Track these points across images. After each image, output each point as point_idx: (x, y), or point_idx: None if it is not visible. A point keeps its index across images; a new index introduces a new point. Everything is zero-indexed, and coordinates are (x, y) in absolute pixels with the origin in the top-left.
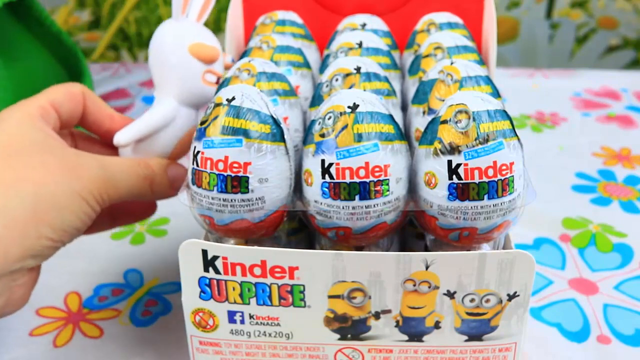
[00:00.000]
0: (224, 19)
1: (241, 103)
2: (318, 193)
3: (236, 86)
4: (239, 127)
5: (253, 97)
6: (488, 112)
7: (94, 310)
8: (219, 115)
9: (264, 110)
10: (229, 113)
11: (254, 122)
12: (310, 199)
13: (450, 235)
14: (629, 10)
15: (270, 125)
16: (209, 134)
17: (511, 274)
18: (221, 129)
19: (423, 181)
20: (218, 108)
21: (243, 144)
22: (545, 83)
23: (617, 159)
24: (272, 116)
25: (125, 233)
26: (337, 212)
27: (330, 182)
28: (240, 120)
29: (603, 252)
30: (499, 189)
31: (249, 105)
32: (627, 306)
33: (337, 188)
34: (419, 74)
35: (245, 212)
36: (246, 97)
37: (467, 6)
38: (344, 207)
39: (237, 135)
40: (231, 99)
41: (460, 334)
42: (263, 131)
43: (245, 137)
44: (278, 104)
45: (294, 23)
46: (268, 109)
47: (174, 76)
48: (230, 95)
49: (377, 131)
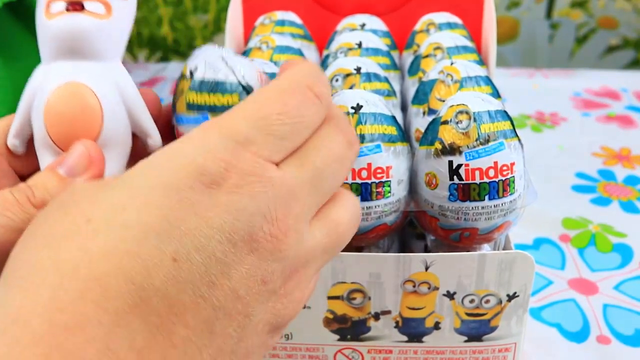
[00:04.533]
0: (224, 19)
1: (204, 75)
2: None
3: (200, 52)
4: (203, 103)
5: (217, 66)
6: (489, 113)
7: None
8: (184, 89)
9: (229, 78)
10: (192, 87)
11: (218, 95)
12: None
13: (451, 235)
14: (629, 10)
15: (239, 95)
16: (178, 110)
17: (511, 274)
18: (187, 106)
19: (424, 182)
20: (183, 81)
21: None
22: (545, 83)
23: (617, 159)
24: (241, 83)
25: None
26: None
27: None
28: (204, 95)
29: (603, 252)
30: (499, 190)
31: (211, 75)
32: (627, 306)
33: None
34: (418, 75)
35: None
36: (209, 66)
37: (467, 6)
38: None
39: (203, 111)
40: (194, 69)
41: (460, 335)
42: (231, 103)
43: (211, 113)
44: None
45: (293, 23)
46: (235, 75)
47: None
48: (193, 66)
49: (380, 132)
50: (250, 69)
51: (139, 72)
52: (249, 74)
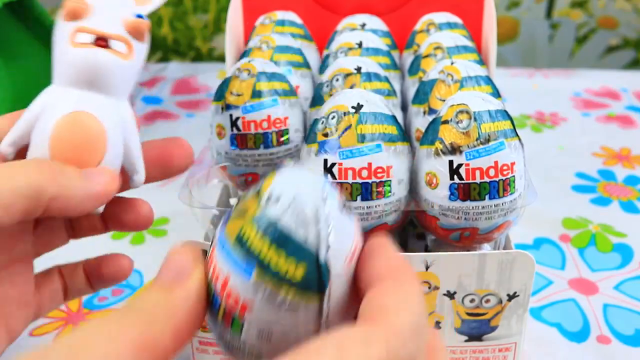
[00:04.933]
0: (224, 19)
1: (281, 216)
2: None
3: (297, 177)
4: (257, 252)
5: (305, 217)
6: (489, 112)
7: (94, 310)
8: (247, 212)
9: (309, 243)
10: (257, 221)
11: (281, 256)
12: None
13: (451, 235)
14: (629, 10)
15: (306, 268)
16: (227, 233)
17: (511, 274)
18: (237, 238)
19: (424, 181)
20: (253, 200)
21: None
22: (545, 83)
23: (617, 159)
24: (319, 260)
25: (125, 233)
26: None
27: (332, 183)
28: (264, 243)
29: (603, 252)
30: (500, 189)
31: (289, 224)
32: (627, 306)
33: (339, 188)
34: (419, 74)
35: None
36: (296, 210)
37: (467, 6)
38: None
39: (250, 262)
40: (275, 198)
41: (460, 334)
42: (289, 276)
43: (259, 268)
44: (278, 104)
45: (294, 23)
46: (319, 245)
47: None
48: (277, 193)
49: (381, 132)
50: (345, 247)
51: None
52: (338, 253)
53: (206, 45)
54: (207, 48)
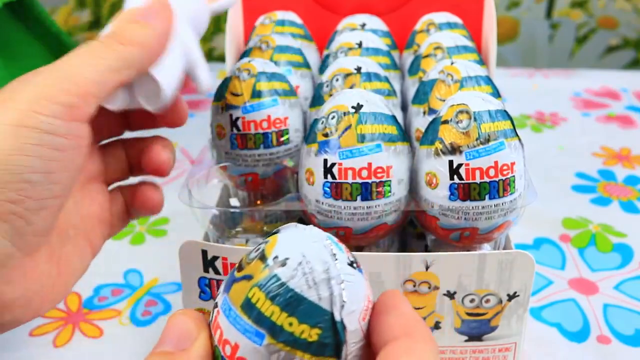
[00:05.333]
0: (224, 19)
1: (290, 278)
2: (319, 193)
3: (301, 237)
4: (269, 315)
5: (315, 276)
6: (489, 112)
7: (93, 310)
8: (253, 273)
9: (322, 301)
10: (263, 285)
11: (293, 318)
12: (311, 198)
13: (451, 235)
14: (629, 10)
15: (322, 331)
16: (232, 298)
17: (511, 274)
18: (244, 304)
19: (424, 181)
20: (256, 262)
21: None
22: (545, 83)
23: (617, 159)
24: (334, 317)
25: (125, 233)
26: (338, 212)
27: (332, 182)
28: (272, 306)
29: (603, 252)
30: (500, 189)
31: (299, 285)
32: (627, 306)
33: (339, 188)
34: (419, 74)
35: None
36: (306, 269)
37: (467, 6)
38: (345, 207)
39: (262, 328)
40: (282, 260)
41: (460, 334)
42: (303, 336)
43: (269, 334)
44: (278, 104)
45: (294, 23)
46: (332, 303)
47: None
48: (284, 253)
49: (381, 132)
50: (358, 303)
51: None
52: (353, 310)
53: (206, 45)
54: (207, 48)
